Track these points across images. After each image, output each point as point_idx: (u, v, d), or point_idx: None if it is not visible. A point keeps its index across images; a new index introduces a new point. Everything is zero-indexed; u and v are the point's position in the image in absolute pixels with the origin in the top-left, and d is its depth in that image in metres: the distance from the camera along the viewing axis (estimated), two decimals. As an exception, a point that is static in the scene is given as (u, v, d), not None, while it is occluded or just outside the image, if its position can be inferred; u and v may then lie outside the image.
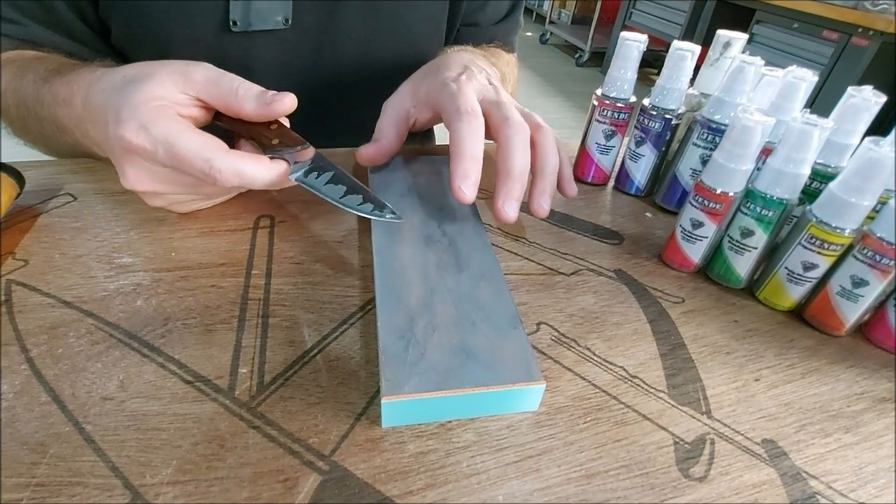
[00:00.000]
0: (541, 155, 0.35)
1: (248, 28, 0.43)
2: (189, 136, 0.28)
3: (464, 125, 0.32)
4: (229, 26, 0.43)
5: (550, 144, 0.35)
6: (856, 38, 1.91)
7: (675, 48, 0.38)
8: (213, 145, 0.28)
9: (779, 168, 0.30)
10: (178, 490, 0.20)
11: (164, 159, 0.28)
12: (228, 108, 0.31)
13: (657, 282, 0.34)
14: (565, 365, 0.27)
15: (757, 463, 0.23)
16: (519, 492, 0.21)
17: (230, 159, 0.28)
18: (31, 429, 0.21)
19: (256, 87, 0.31)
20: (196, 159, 0.28)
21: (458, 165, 0.31)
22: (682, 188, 0.41)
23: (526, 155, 0.33)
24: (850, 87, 0.32)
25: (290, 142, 0.32)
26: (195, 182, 0.31)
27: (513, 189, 0.32)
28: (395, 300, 0.27)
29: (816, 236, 0.29)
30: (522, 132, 0.33)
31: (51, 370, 0.24)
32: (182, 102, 0.30)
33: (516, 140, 0.33)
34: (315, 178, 0.31)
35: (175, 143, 0.27)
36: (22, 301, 0.27)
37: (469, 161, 0.31)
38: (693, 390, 0.27)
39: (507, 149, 0.33)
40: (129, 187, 0.30)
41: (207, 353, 0.26)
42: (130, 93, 0.28)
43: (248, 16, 0.43)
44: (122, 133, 0.27)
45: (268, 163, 0.30)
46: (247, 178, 0.29)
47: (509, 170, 0.32)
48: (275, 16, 0.44)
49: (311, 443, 0.22)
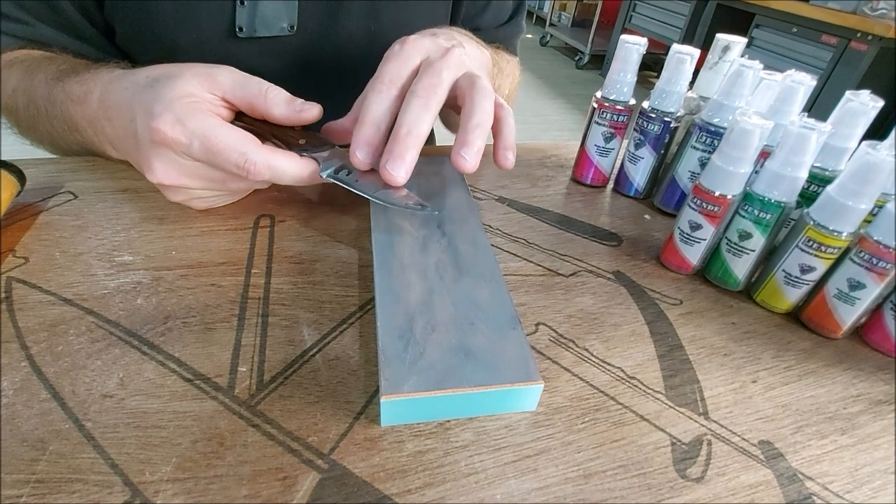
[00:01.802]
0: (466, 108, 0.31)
1: (254, 34, 0.44)
2: (225, 131, 0.29)
3: (370, 91, 0.31)
4: (235, 32, 0.43)
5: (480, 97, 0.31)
6: (854, 42, 1.92)
7: (675, 51, 0.38)
8: (248, 139, 0.29)
9: (777, 171, 0.30)
10: (178, 487, 0.20)
11: (197, 152, 0.28)
12: (255, 109, 0.31)
13: (655, 283, 0.34)
14: (563, 365, 0.27)
15: (753, 464, 0.23)
16: (517, 491, 0.21)
17: (264, 153, 0.29)
18: (31, 426, 0.21)
19: (284, 92, 0.31)
20: (232, 152, 0.28)
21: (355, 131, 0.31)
22: (680, 190, 0.41)
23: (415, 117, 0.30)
24: (848, 92, 0.32)
25: (316, 142, 0.33)
26: (223, 177, 0.31)
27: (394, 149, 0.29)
28: (395, 300, 0.27)
29: (814, 239, 0.30)
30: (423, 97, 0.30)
31: (51, 367, 0.24)
32: (211, 101, 0.30)
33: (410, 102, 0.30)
34: (346, 174, 0.32)
35: (211, 137, 0.28)
36: (22, 298, 0.27)
37: (367, 126, 0.30)
38: (690, 391, 0.27)
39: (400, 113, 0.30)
40: (157, 181, 0.30)
41: (207, 352, 0.26)
42: (161, 89, 0.29)
43: (254, 22, 0.43)
44: (156, 126, 0.28)
45: (298, 159, 0.31)
46: (278, 171, 0.30)
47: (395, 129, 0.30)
48: (280, 23, 0.44)
49: (311, 441, 0.22)
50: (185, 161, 0.30)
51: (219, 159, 0.28)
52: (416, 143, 0.30)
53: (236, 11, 0.42)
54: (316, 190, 0.40)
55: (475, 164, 0.30)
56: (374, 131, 0.31)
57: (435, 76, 0.31)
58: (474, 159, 0.30)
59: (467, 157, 0.30)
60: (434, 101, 0.30)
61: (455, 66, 0.32)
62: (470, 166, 0.30)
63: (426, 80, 0.30)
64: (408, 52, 0.32)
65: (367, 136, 0.30)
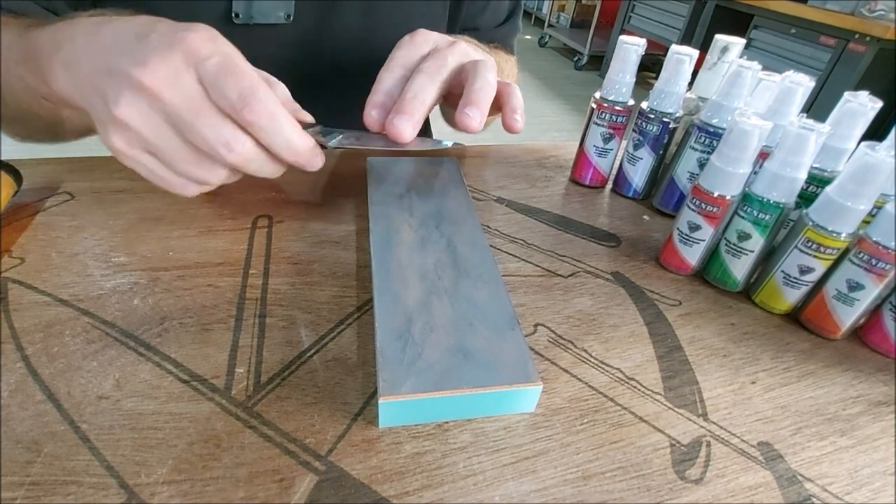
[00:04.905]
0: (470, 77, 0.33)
1: (250, 21, 0.44)
2: (249, 66, 0.27)
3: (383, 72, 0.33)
4: (231, 18, 0.43)
5: (483, 69, 0.33)
6: (853, 44, 1.92)
7: (674, 52, 0.38)
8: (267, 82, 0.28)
9: (776, 172, 0.30)
10: (174, 490, 0.20)
11: (212, 67, 0.26)
12: None
13: (654, 284, 0.34)
14: (562, 366, 0.27)
15: (753, 465, 0.23)
16: (515, 493, 0.21)
17: (273, 98, 0.27)
18: (26, 427, 0.21)
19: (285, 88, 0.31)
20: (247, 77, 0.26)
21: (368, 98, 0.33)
22: (679, 191, 0.41)
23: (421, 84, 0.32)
24: (847, 92, 0.32)
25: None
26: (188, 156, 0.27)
27: (402, 106, 0.31)
28: (393, 301, 0.27)
29: (813, 240, 0.29)
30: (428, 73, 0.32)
31: (46, 369, 0.24)
32: None
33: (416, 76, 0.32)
34: (355, 140, 0.32)
35: (235, 58, 0.26)
36: (18, 299, 0.27)
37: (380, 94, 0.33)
38: (689, 393, 0.27)
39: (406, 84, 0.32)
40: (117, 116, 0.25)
41: (204, 353, 0.26)
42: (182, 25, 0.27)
43: (251, 9, 0.43)
44: (187, 32, 0.26)
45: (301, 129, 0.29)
46: (277, 124, 0.27)
47: (402, 93, 0.32)
48: (276, 10, 0.45)
49: (308, 443, 0.22)
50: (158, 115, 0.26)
51: (229, 82, 0.25)
52: (421, 106, 0.31)
53: None
54: (315, 190, 0.40)
55: (480, 122, 0.32)
56: (386, 98, 0.32)
57: (441, 59, 0.33)
58: (479, 118, 0.31)
59: (472, 115, 0.31)
60: (438, 76, 0.32)
61: (460, 53, 0.34)
62: (475, 124, 0.31)
63: (431, 62, 0.33)
64: (418, 41, 0.35)
65: (379, 100, 0.32)
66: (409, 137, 0.31)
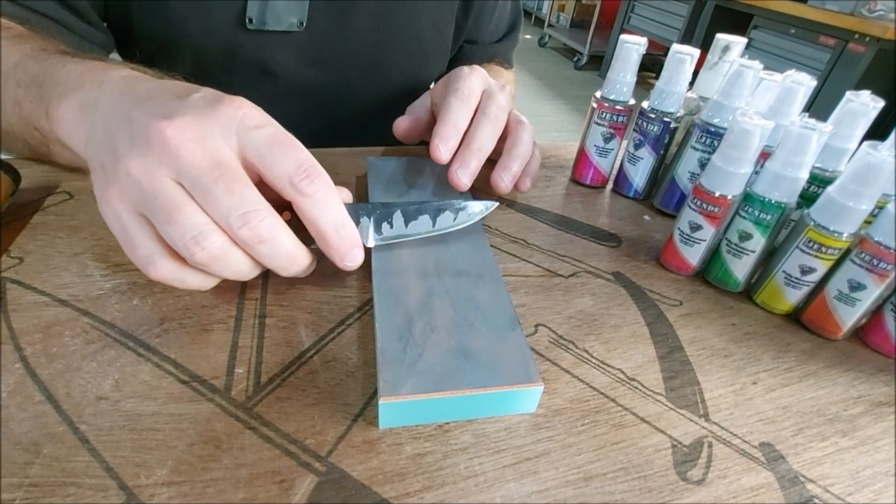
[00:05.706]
0: (512, 139, 0.38)
1: (263, 27, 0.44)
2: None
3: (454, 99, 0.35)
4: (244, 23, 0.43)
5: (525, 134, 0.38)
6: (852, 44, 1.93)
7: (675, 51, 0.38)
8: None
9: (777, 172, 0.30)
10: (174, 491, 0.20)
11: (262, 138, 0.24)
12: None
13: (655, 284, 0.34)
14: (563, 367, 0.27)
15: (754, 466, 0.23)
16: (517, 494, 0.21)
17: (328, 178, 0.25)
18: (25, 428, 0.21)
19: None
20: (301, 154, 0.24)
21: (439, 128, 0.34)
22: (680, 191, 0.41)
23: (487, 137, 0.35)
24: (849, 92, 0.32)
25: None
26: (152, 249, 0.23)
27: (467, 158, 0.34)
28: (394, 301, 0.27)
29: (814, 240, 0.29)
30: (493, 122, 0.36)
31: (45, 369, 0.24)
32: None
33: (483, 123, 0.35)
34: (389, 229, 0.30)
35: (284, 131, 0.24)
36: (16, 299, 0.27)
37: (450, 127, 0.34)
38: (691, 393, 0.27)
39: (472, 129, 0.35)
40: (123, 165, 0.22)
41: (203, 353, 0.25)
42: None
43: (264, 15, 0.44)
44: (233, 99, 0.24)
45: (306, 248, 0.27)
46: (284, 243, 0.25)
47: (468, 142, 0.35)
48: (290, 17, 0.45)
49: (308, 444, 0.22)
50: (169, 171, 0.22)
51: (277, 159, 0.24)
52: (482, 157, 0.35)
53: (248, 3, 0.43)
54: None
55: (510, 187, 0.37)
56: (454, 133, 0.34)
57: (500, 108, 0.37)
58: (511, 183, 0.37)
59: (506, 180, 0.37)
60: (499, 126, 0.36)
61: (509, 100, 0.38)
62: (504, 188, 0.37)
63: (495, 108, 0.36)
64: (477, 76, 0.38)
65: (448, 134, 0.34)
66: (467, 187, 0.35)
